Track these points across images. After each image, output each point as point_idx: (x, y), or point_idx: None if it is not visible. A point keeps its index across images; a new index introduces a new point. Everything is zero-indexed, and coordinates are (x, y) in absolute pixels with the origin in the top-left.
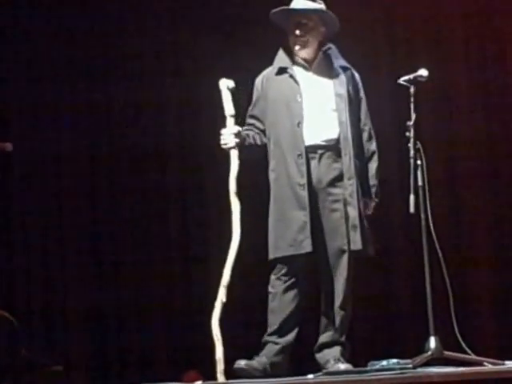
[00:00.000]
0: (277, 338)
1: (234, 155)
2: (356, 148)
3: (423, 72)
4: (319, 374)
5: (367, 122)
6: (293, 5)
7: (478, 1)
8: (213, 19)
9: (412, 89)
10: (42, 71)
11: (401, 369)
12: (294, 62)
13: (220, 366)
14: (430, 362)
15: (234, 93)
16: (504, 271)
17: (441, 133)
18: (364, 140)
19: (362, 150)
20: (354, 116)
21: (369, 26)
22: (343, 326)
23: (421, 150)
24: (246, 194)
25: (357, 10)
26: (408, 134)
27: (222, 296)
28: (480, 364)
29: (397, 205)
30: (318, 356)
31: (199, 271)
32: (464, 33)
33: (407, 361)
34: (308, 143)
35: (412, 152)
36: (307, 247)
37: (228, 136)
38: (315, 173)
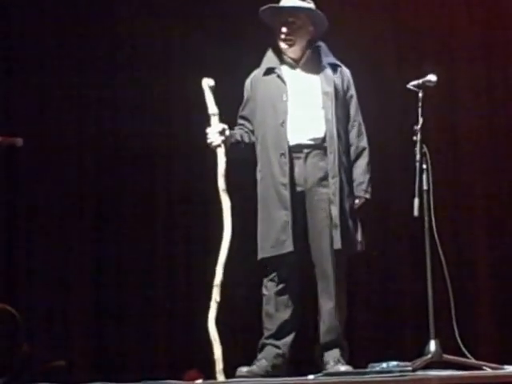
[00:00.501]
0: (275, 341)
1: (221, 153)
2: (344, 145)
3: (432, 77)
4: (319, 375)
5: (357, 119)
6: (282, 3)
7: (487, 6)
8: (203, 17)
9: (420, 93)
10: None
11: (400, 371)
12: (283, 61)
13: (219, 366)
14: (430, 365)
15: (215, 91)
16: (505, 276)
17: (445, 135)
18: (353, 136)
19: (352, 147)
20: (342, 113)
21: (378, 33)
22: (340, 326)
23: (427, 154)
24: (246, 194)
25: (366, 18)
26: (415, 138)
27: (216, 295)
28: (479, 368)
29: (400, 207)
30: (318, 357)
31: (199, 271)
32: (471, 38)
33: (407, 363)
34: (294, 142)
35: (418, 156)
36: (289, 247)
37: (213, 134)
38: (301, 172)
